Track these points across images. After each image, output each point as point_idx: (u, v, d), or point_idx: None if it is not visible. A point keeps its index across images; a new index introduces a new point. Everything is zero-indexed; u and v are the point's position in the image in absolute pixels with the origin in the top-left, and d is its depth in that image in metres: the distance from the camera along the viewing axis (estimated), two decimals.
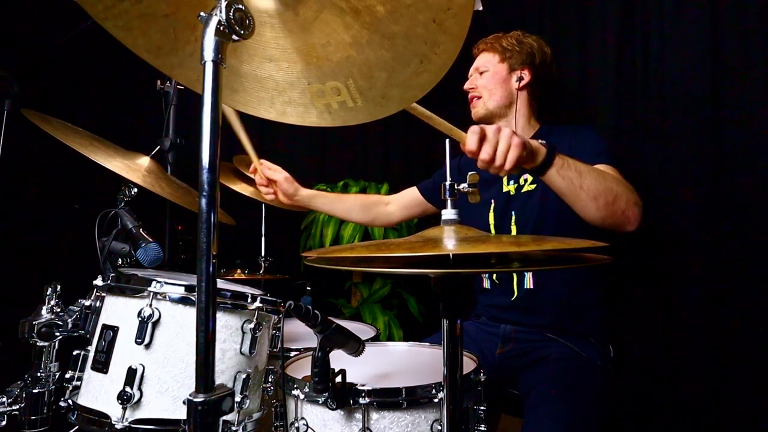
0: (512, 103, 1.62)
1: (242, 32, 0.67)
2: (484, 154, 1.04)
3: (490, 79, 1.63)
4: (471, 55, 1.73)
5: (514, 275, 1.54)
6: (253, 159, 1.66)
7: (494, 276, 1.58)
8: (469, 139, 1.05)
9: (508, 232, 1.56)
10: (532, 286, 1.51)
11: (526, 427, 1.22)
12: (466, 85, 1.69)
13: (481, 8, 2.10)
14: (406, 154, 2.65)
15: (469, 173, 0.88)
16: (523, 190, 1.56)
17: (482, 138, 1.05)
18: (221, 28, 0.65)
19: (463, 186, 0.87)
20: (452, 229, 0.82)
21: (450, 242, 0.76)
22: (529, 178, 1.56)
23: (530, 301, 1.51)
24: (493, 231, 1.60)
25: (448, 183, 0.85)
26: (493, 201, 1.61)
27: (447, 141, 0.91)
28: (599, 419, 1.28)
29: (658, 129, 1.72)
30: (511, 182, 1.59)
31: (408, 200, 1.88)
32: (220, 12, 0.65)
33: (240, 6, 0.67)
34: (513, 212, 1.56)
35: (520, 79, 1.61)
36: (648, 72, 1.75)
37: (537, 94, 1.65)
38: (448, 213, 0.84)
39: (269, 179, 1.70)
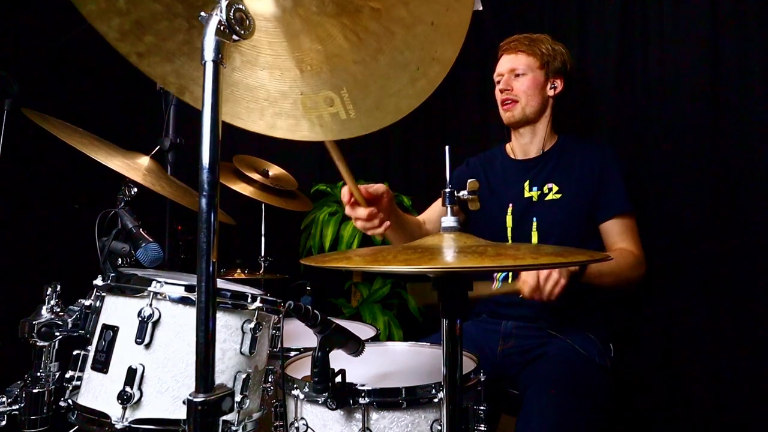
0: (544, 111, 1.63)
1: (242, 32, 0.67)
2: (535, 295, 1.28)
3: (531, 84, 1.59)
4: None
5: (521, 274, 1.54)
6: (353, 187, 1.18)
7: (509, 276, 1.58)
8: (529, 284, 1.28)
9: (528, 237, 1.57)
10: None
11: (519, 422, 1.23)
12: (502, 86, 1.62)
13: (480, 8, 2.10)
14: (406, 154, 2.64)
15: (469, 180, 0.87)
16: (546, 198, 1.56)
17: (537, 280, 1.27)
18: (221, 27, 0.65)
19: (463, 193, 0.86)
20: (452, 237, 0.81)
21: (449, 253, 0.75)
22: (555, 188, 1.56)
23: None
24: (509, 233, 1.60)
25: (447, 191, 0.84)
26: (511, 204, 1.61)
27: (447, 148, 0.90)
28: (593, 416, 1.28)
29: (658, 129, 1.72)
30: (534, 189, 1.59)
31: (439, 213, 1.74)
32: (221, 12, 0.65)
33: (240, 6, 0.67)
34: (534, 219, 1.56)
35: (554, 87, 1.62)
36: (648, 72, 1.75)
37: (561, 104, 1.65)
38: (448, 221, 0.83)
39: (373, 196, 1.24)
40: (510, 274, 1.57)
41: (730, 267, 1.57)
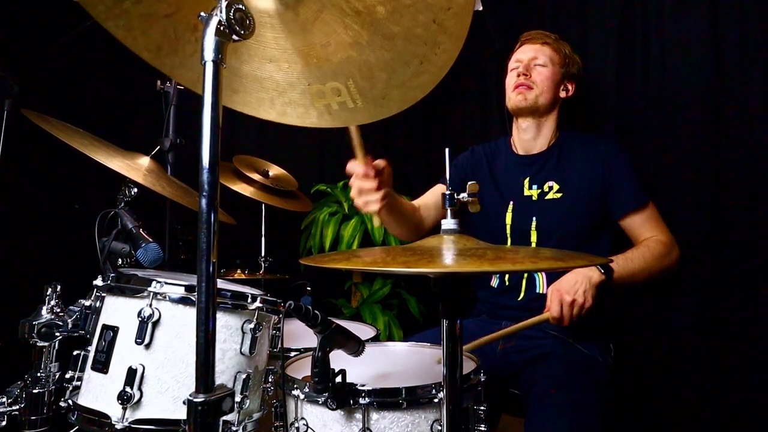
0: (552, 110, 1.62)
1: (242, 32, 0.67)
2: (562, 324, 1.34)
3: (550, 77, 1.59)
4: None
5: (524, 277, 1.54)
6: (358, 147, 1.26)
7: (506, 276, 1.58)
8: (554, 315, 1.34)
9: (527, 237, 1.55)
10: (544, 292, 1.51)
11: (530, 423, 1.22)
12: (521, 70, 1.59)
13: (481, 8, 2.10)
14: (407, 154, 2.65)
15: (469, 183, 0.87)
16: (546, 198, 1.55)
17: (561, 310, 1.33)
18: (221, 28, 0.65)
19: (463, 196, 0.86)
20: (451, 239, 0.81)
21: (448, 255, 0.75)
22: (555, 186, 1.55)
23: (537, 302, 1.50)
24: (508, 232, 1.59)
25: (447, 193, 0.84)
26: (512, 202, 1.59)
27: (447, 149, 0.90)
28: (603, 414, 1.28)
29: (659, 129, 1.72)
30: (534, 187, 1.58)
31: (435, 200, 1.68)
32: (221, 12, 0.65)
33: (240, 6, 0.67)
34: (534, 218, 1.55)
35: (566, 90, 1.63)
36: (648, 72, 1.75)
37: (567, 109, 1.66)
38: (448, 223, 0.83)
39: (375, 166, 1.30)
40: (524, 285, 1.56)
41: (731, 267, 1.57)
